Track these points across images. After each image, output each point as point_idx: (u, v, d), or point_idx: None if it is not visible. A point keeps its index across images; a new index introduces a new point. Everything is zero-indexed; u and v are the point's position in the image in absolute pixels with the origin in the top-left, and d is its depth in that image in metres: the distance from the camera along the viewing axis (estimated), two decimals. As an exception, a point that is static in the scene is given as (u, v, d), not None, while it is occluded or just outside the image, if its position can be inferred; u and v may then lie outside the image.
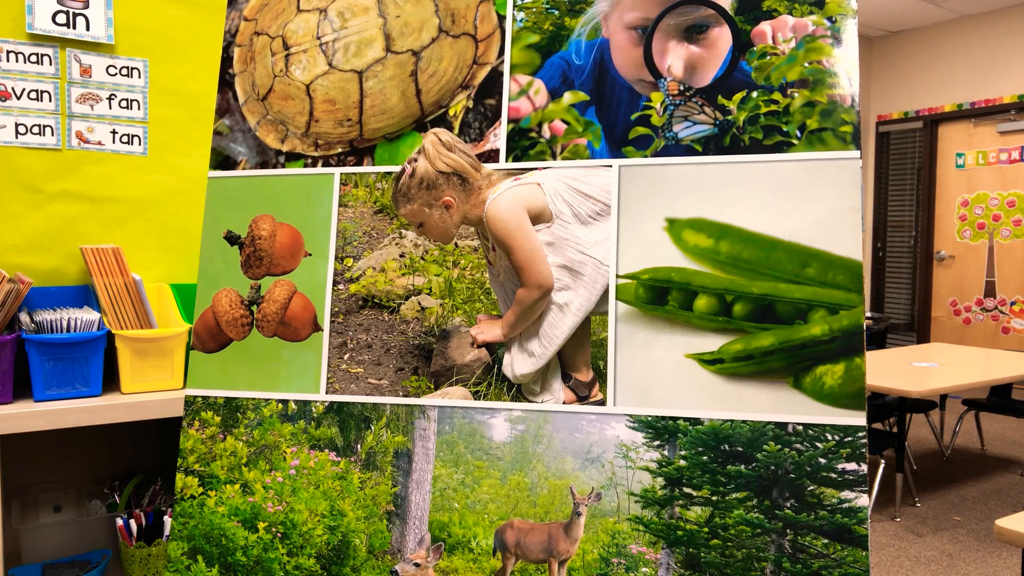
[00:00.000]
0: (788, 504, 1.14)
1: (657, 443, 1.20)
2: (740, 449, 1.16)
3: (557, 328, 1.29)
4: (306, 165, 1.46)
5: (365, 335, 1.38)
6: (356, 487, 1.33)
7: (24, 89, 1.87)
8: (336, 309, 1.40)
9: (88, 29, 1.93)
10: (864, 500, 1.10)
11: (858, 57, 1.18)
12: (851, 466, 1.12)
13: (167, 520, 1.82)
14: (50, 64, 1.90)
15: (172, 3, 2.03)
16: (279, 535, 1.33)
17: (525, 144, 1.34)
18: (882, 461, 4.20)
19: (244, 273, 1.45)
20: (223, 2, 2.04)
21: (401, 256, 1.39)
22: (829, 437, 1.13)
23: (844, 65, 1.20)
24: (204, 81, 2.07)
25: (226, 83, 1.54)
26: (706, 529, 1.16)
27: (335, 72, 1.44)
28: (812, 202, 1.18)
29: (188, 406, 1.42)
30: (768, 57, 1.23)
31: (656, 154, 1.27)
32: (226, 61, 1.55)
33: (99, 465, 2.07)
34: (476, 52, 1.39)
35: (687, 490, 1.18)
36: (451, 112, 1.40)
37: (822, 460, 1.13)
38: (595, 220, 1.29)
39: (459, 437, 1.29)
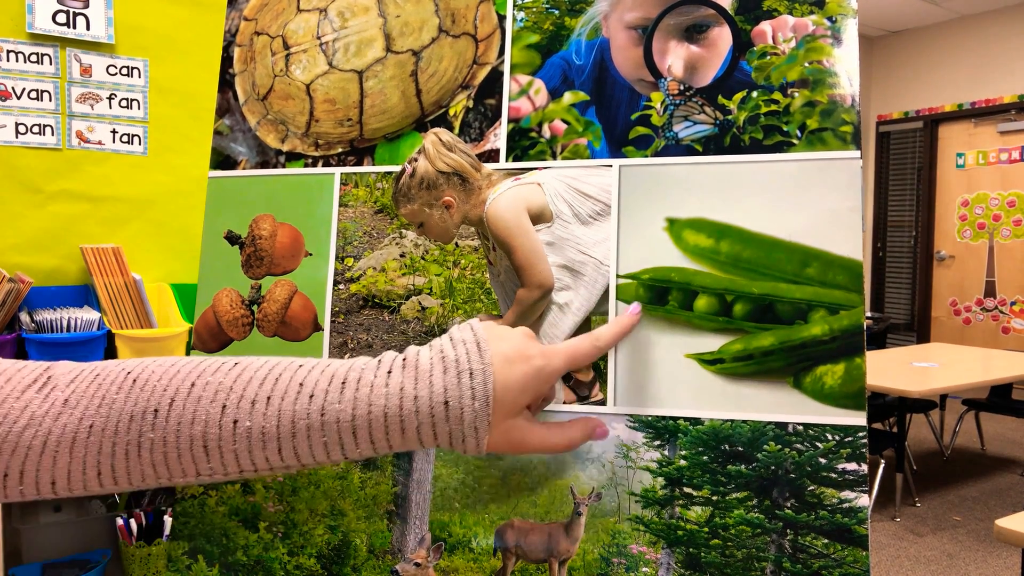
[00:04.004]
0: (788, 504, 1.13)
1: (657, 443, 1.20)
2: (740, 449, 1.16)
3: (557, 328, 1.29)
4: (306, 165, 1.46)
5: (366, 335, 1.38)
6: (356, 487, 1.33)
7: (24, 89, 1.87)
8: (336, 309, 1.40)
9: (88, 29, 1.93)
10: (864, 500, 1.10)
11: (858, 57, 1.18)
12: (851, 466, 1.12)
13: (167, 520, 1.82)
14: (50, 64, 1.90)
15: (172, 3, 2.03)
16: (279, 535, 1.33)
17: (525, 144, 1.34)
18: (882, 461, 4.20)
19: (244, 273, 1.45)
20: (223, 2, 2.04)
21: (401, 256, 1.39)
22: (829, 437, 1.13)
23: (844, 65, 1.20)
24: (204, 81, 2.07)
25: (226, 83, 1.54)
26: (706, 529, 1.16)
27: (335, 72, 1.44)
28: (812, 202, 1.18)
29: (188, 406, 1.42)
30: (768, 57, 1.23)
31: (656, 154, 1.27)
32: (226, 61, 1.55)
33: (99, 465, 2.06)
34: (476, 52, 1.39)
35: (687, 490, 1.18)
36: (451, 112, 1.40)
37: (822, 460, 1.13)
38: (595, 220, 1.29)
39: (459, 437, 1.29)
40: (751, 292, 1.18)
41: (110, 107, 1.96)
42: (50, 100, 1.90)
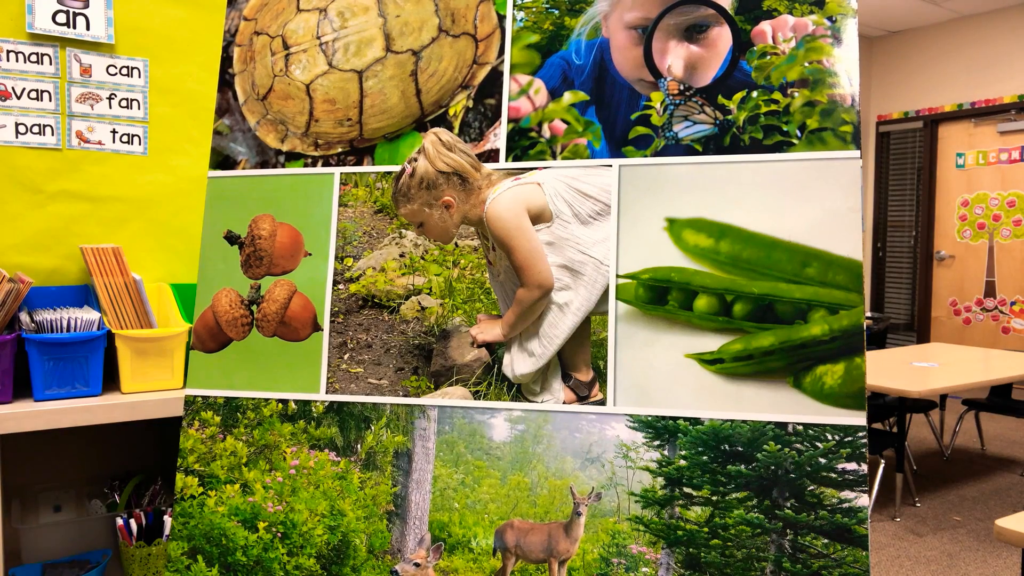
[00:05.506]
0: (788, 504, 1.14)
1: (657, 443, 1.20)
2: (740, 449, 1.16)
3: (557, 328, 1.29)
4: (306, 165, 1.46)
5: (365, 335, 1.38)
6: (356, 487, 1.33)
7: (24, 89, 1.87)
8: (336, 309, 1.40)
9: (88, 29, 1.92)
10: (864, 500, 1.10)
11: (858, 57, 1.18)
12: (851, 466, 1.12)
13: (167, 520, 1.82)
14: (50, 64, 1.90)
15: (172, 3, 2.03)
16: (279, 535, 1.33)
17: (525, 144, 1.34)
18: (882, 461, 4.20)
19: (244, 273, 1.45)
20: (223, 2, 2.04)
21: (401, 256, 1.39)
22: (829, 437, 1.13)
23: (844, 65, 1.20)
24: (204, 81, 2.07)
25: (226, 83, 1.54)
26: (706, 529, 1.16)
27: (335, 72, 1.44)
28: (812, 202, 1.18)
29: (188, 406, 1.42)
30: (768, 57, 1.23)
31: (656, 154, 1.27)
32: (226, 61, 1.54)
33: (99, 465, 2.06)
34: (476, 52, 1.39)
35: (687, 490, 1.18)
36: (451, 112, 1.40)
37: (822, 460, 1.13)
38: (595, 220, 1.29)
39: (459, 437, 1.29)
40: (751, 292, 1.18)
41: (110, 107, 1.96)
42: (50, 100, 1.90)
